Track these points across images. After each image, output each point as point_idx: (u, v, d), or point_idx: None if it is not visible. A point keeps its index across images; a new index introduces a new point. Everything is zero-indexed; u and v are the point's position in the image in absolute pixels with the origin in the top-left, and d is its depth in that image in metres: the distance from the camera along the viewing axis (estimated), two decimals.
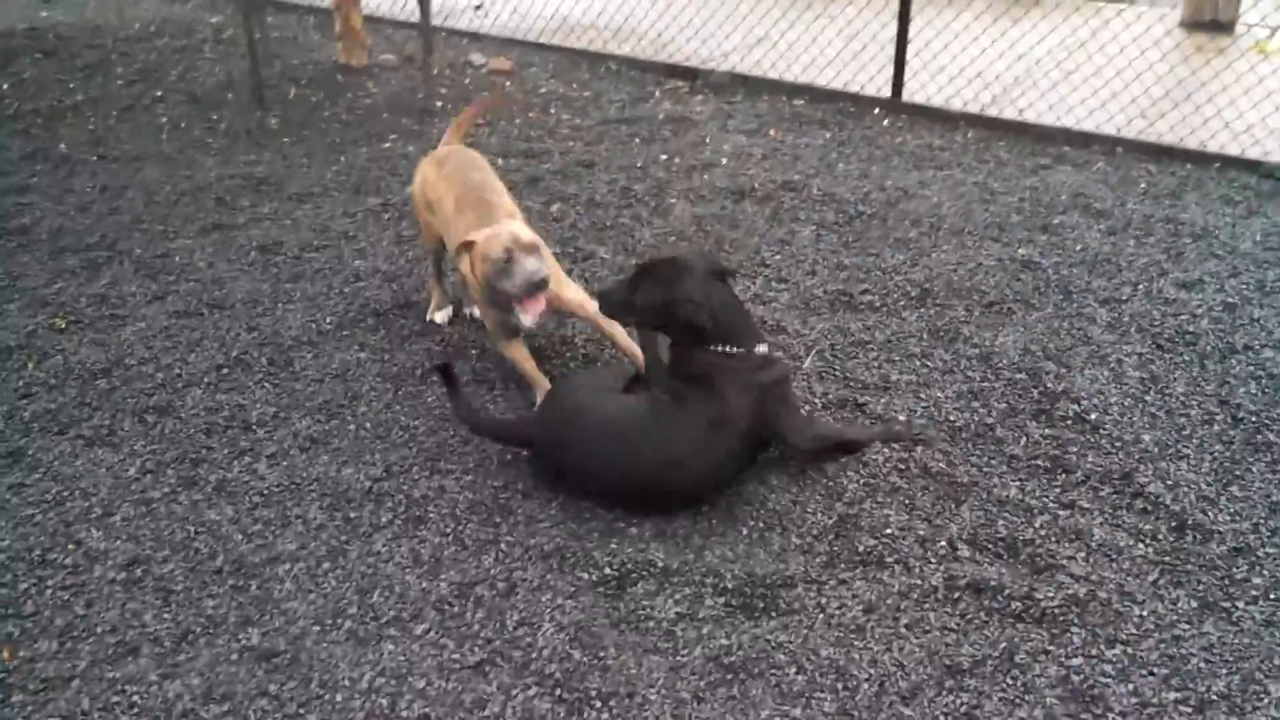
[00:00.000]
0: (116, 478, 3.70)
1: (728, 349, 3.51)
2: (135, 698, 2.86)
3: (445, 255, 4.46)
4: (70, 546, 3.39)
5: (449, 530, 3.42)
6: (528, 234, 3.82)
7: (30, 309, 4.71)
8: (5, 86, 7.46)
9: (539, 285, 3.70)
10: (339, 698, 2.85)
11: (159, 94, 7.35)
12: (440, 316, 4.61)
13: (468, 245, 3.84)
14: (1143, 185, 5.88)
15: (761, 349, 3.57)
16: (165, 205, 5.69)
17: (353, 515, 3.50)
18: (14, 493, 3.63)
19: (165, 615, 3.12)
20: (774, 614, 3.09)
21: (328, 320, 4.60)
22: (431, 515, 3.49)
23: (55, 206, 5.68)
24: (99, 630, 3.08)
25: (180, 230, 5.42)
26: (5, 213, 5.59)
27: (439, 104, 7.13)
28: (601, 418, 3.53)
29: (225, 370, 4.28)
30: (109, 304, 4.76)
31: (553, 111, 7.03)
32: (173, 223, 5.49)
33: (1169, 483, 3.59)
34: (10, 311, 4.68)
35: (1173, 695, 2.82)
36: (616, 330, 4.06)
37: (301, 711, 2.81)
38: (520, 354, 4.04)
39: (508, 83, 7.55)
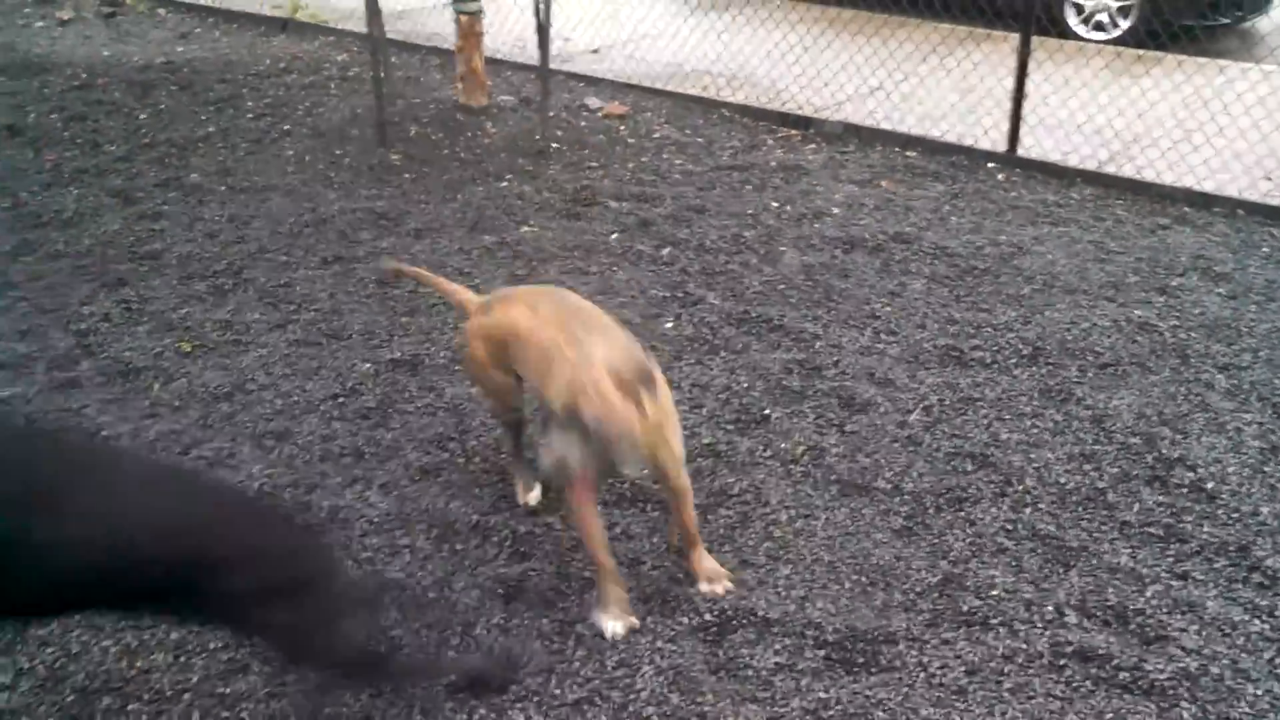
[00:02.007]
0: None
1: None
2: (244, 714, 2.95)
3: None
4: None
5: (553, 567, 3.47)
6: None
7: (158, 332, 4.88)
8: (143, 117, 7.78)
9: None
10: None
11: (286, 128, 7.59)
12: (533, 498, 3.80)
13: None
14: (1265, 249, 5.74)
15: None
16: (289, 236, 5.87)
17: (459, 547, 3.56)
18: None
19: None
20: (874, 670, 3.07)
21: (440, 355, 4.70)
22: (536, 552, 3.54)
23: (185, 233, 5.89)
24: (211, 646, 3.17)
25: (302, 261, 5.58)
26: (138, 238, 5.81)
27: (555, 146, 7.25)
28: None
29: (341, 399, 4.39)
30: (233, 330, 4.92)
31: (665, 156, 7.10)
32: (295, 253, 5.66)
33: None
34: (139, 334, 4.87)
35: None
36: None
37: None
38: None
39: (621, 126, 7.66)
